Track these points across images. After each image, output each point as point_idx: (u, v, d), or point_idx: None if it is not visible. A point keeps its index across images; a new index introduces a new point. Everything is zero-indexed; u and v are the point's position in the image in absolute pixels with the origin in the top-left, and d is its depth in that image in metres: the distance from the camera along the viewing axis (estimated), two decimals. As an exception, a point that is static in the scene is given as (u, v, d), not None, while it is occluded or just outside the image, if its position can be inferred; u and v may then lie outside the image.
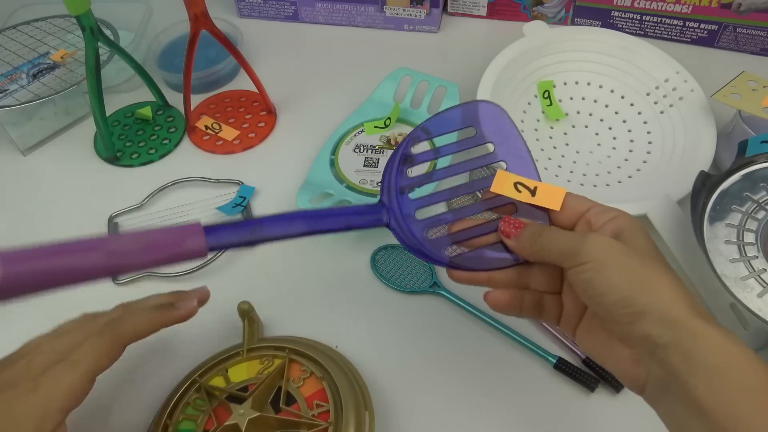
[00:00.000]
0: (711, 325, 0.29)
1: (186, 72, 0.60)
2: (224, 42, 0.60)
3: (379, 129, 0.62)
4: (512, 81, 0.62)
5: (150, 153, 0.64)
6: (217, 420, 0.43)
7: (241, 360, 0.47)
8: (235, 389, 0.45)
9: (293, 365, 0.46)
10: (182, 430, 0.44)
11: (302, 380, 0.45)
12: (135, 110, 0.68)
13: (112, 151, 0.63)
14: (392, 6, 0.75)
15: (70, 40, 0.70)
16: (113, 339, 0.39)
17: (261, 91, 0.65)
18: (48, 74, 0.64)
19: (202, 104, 0.69)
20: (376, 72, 0.66)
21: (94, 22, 0.56)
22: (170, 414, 0.44)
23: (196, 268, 0.54)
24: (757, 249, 0.45)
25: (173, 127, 0.67)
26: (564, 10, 0.74)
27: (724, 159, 0.57)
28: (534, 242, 0.35)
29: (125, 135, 0.66)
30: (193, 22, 0.57)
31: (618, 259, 0.31)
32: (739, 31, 0.69)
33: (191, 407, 0.45)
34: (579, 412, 0.46)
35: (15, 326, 0.52)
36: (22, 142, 0.65)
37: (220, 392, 0.44)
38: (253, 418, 0.42)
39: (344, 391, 0.44)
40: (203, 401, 0.45)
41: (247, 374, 0.46)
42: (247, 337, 0.48)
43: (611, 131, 0.62)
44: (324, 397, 0.44)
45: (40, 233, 0.59)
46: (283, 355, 0.46)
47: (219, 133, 0.65)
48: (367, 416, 0.44)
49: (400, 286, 0.53)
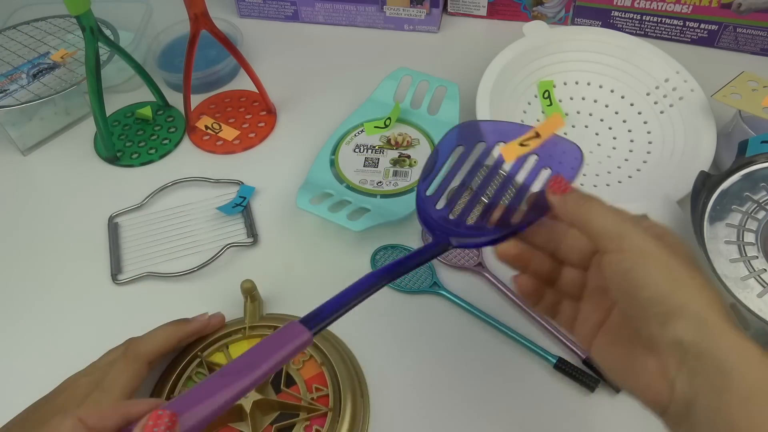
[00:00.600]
0: (748, 340, 0.27)
1: (186, 72, 0.60)
2: (224, 42, 0.60)
3: (379, 129, 0.62)
4: (512, 81, 0.62)
5: (150, 153, 0.64)
6: None
7: (242, 338, 0.48)
8: None
9: None
10: None
11: (302, 362, 0.46)
12: (135, 110, 0.68)
13: (112, 151, 0.63)
14: (392, 6, 0.75)
15: (70, 39, 0.70)
16: (135, 359, 0.43)
17: (261, 91, 0.65)
18: (48, 74, 0.64)
19: (202, 104, 0.69)
20: (376, 72, 0.66)
21: (94, 22, 0.56)
22: (172, 387, 0.45)
23: (196, 268, 0.54)
24: (757, 249, 0.45)
25: (173, 127, 0.67)
26: (564, 10, 0.74)
27: (724, 159, 0.57)
28: (581, 205, 0.33)
29: (125, 135, 0.66)
30: (193, 22, 0.57)
31: (661, 255, 0.29)
32: (739, 31, 0.69)
33: (193, 381, 0.46)
34: (579, 412, 0.46)
35: (26, 333, 0.53)
36: (22, 142, 0.65)
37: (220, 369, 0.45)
38: (257, 400, 0.43)
39: (343, 378, 0.45)
40: (204, 376, 0.45)
41: None
42: (249, 316, 0.49)
43: (611, 131, 0.62)
44: (323, 381, 0.45)
45: (39, 234, 0.59)
46: None
47: (219, 133, 0.65)
48: (363, 405, 0.45)
49: (400, 286, 0.53)
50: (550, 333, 0.50)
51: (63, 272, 0.56)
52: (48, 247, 0.58)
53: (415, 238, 0.56)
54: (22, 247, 0.58)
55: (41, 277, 0.56)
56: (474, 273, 0.54)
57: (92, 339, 0.51)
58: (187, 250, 0.56)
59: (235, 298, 0.52)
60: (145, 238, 0.57)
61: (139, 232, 0.58)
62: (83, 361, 0.50)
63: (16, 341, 0.52)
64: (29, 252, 0.58)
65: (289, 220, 0.58)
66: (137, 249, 0.56)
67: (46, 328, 0.52)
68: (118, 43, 0.64)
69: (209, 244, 0.56)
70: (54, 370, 0.51)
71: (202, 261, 0.54)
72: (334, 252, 0.56)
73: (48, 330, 0.52)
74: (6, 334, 0.52)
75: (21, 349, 0.51)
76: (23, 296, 0.54)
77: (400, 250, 0.55)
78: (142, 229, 0.58)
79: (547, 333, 0.50)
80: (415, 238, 0.56)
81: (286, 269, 0.55)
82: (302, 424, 0.44)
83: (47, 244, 0.58)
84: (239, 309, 0.51)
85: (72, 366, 0.50)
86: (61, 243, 0.58)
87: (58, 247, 0.58)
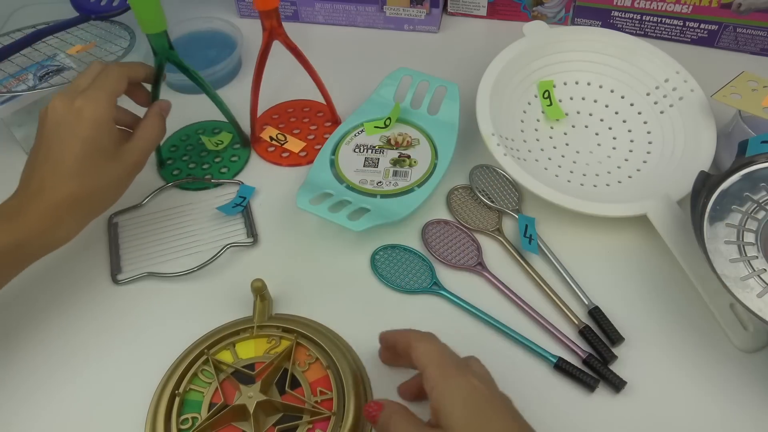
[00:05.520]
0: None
1: (255, 80, 0.60)
2: (295, 51, 0.59)
3: (379, 129, 0.62)
4: (512, 81, 0.62)
5: (222, 172, 0.62)
6: (224, 394, 0.45)
7: (249, 337, 0.48)
8: (242, 365, 0.46)
9: (299, 349, 0.47)
10: (190, 400, 0.45)
11: (308, 365, 0.47)
12: (199, 131, 0.66)
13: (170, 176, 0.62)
14: (392, 6, 0.75)
15: (81, 35, 0.70)
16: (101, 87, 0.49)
17: (328, 102, 0.64)
18: (55, 76, 0.64)
19: (264, 114, 0.68)
20: (375, 72, 0.66)
21: (167, 43, 0.54)
22: (177, 383, 0.45)
23: (196, 268, 0.54)
24: (757, 249, 0.45)
25: (236, 155, 0.64)
26: (564, 10, 0.74)
27: (724, 159, 0.57)
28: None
29: (189, 156, 0.64)
30: (267, 33, 0.57)
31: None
32: (739, 31, 0.69)
33: (198, 378, 0.46)
34: (579, 412, 0.46)
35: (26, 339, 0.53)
36: (27, 144, 0.65)
37: (227, 367, 0.46)
38: (261, 401, 0.43)
39: (347, 382, 0.45)
40: (210, 374, 0.46)
41: (255, 352, 0.47)
42: (258, 315, 0.49)
43: (611, 131, 0.62)
44: (328, 384, 0.45)
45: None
46: (291, 338, 0.47)
47: (285, 145, 0.64)
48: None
49: (400, 287, 0.53)
50: (550, 333, 0.50)
51: (62, 271, 0.56)
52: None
53: (415, 239, 0.56)
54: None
55: (40, 276, 0.55)
56: (474, 273, 0.54)
57: (91, 338, 0.51)
58: (186, 250, 0.56)
59: (235, 298, 0.52)
60: (145, 238, 0.57)
61: (139, 231, 0.58)
62: (82, 360, 0.50)
63: (14, 340, 0.52)
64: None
65: (289, 220, 0.58)
66: (137, 249, 0.56)
67: (45, 326, 0.52)
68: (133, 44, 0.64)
69: (209, 244, 0.56)
70: (55, 369, 0.51)
71: (202, 261, 0.54)
72: (334, 252, 0.56)
73: (46, 329, 0.52)
74: (3, 334, 0.52)
75: (20, 347, 0.51)
76: (22, 297, 0.54)
77: (400, 250, 0.55)
78: (141, 229, 0.58)
79: (547, 333, 0.50)
80: (415, 238, 0.56)
81: (286, 269, 0.55)
82: (305, 426, 0.44)
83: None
84: (240, 309, 0.51)
85: (71, 365, 0.50)
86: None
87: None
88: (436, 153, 0.59)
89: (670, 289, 0.52)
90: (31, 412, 0.47)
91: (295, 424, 0.44)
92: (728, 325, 0.48)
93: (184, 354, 0.48)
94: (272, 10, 0.55)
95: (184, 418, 0.44)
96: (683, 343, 0.49)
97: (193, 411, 0.45)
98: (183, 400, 0.45)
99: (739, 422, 0.45)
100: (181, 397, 0.45)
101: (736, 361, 0.48)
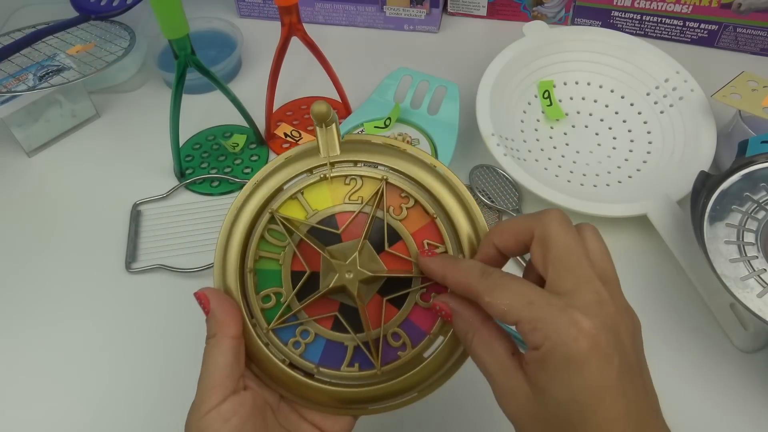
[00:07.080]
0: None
1: (272, 77, 0.60)
2: (312, 47, 0.59)
3: (379, 129, 0.62)
4: (512, 81, 0.62)
5: (245, 173, 0.62)
6: (306, 262, 0.34)
7: (321, 181, 0.35)
8: (318, 221, 0.35)
9: (391, 190, 0.35)
10: (264, 270, 0.35)
11: (405, 210, 0.35)
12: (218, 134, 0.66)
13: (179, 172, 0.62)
14: (392, 6, 0.75)
15: (81, 35, 0.70)
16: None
17: (344, 100, 0.64)
18: (55, 76, 0.64)
19: (278, 111, 0.68)
20: (375, 72, 0.66)
21: (189, 48, 0.53)
22: (243, 249, 0.34)
23: (205, 267, 0.54)
24: (757, 249, 0.45)
25: (256, 155, 0.64)
26: (564, 10, 0.74)
27: (724, 159, 0.57)
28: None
29: (207, 162, 0.63)
30: (286, 29, 0.57)
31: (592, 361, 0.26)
32: (739, 31, 0.69)
33: (264, 242, 0.35)
34: (579, 412, 0.46)
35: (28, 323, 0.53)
36: (27, 144, 0.65)
37: (300, 225, 0.35)
38: (364, 278, 0.34)
39: (461, 229, 0.34)
40: (281, 236, 0.35)
41: (332, 201, 0.35)
42: (327, 147, 0.36)
43: (611, 131, 0.62)
44: (436, 235, 0.34)
45: (42, 234, 0.59)
46: (378, 177, 0.35)
47: (299, 141, 0.64)
48: None
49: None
50: (550, 333, 0.50)
51: (78, 254, 0.56)
52: (65, 234, 0.58)
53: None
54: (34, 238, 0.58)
55: (56, 259, 0.56)
56: (474, 273, 0.53)
57: (101, 323, 0.52)
58: (202, 246, 0.56)
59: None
60: (165, 230, 0.57)
61: (160, 222, 0.58)
62: (90, 344, 0.50)
63: (28, 320, 0.52)
64: (41, 243, 0.58)
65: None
66: (155, 240, 0.57)
67: (56, 309, 0.53)
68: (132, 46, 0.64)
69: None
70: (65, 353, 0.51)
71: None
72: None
73: (57, 311, 0.53)
74: (19, 317, 0.52)
75: (32, 328, 0.52)
76: (38, 281, 0.55)
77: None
78: (162, 220, 0.58)
79: (547, 333, 0.50)
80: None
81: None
82: (417, 293, 0.34)
83: (64, 233, 0.58)
84: None
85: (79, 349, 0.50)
86: (79, 229, 0.58)
87: (74, 233, 0.58)
88: (436, 153, 0.59)
89: (669, 289, 0.52)
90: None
91: (405, 292, 0.34)
92: (728, 325, 0.48)
93: (249, 219, 0.35)
94: (293, 6, 0.55)
95: (265, 294, 0.35)
96: (683, 343, 0.49)
97: (270, 286, 0.35)
98: (255, 272, 0.35)
99: (739, 422, 0.45)
100: (252, 269, 0.35)
101: (736, 361, 0.48)
